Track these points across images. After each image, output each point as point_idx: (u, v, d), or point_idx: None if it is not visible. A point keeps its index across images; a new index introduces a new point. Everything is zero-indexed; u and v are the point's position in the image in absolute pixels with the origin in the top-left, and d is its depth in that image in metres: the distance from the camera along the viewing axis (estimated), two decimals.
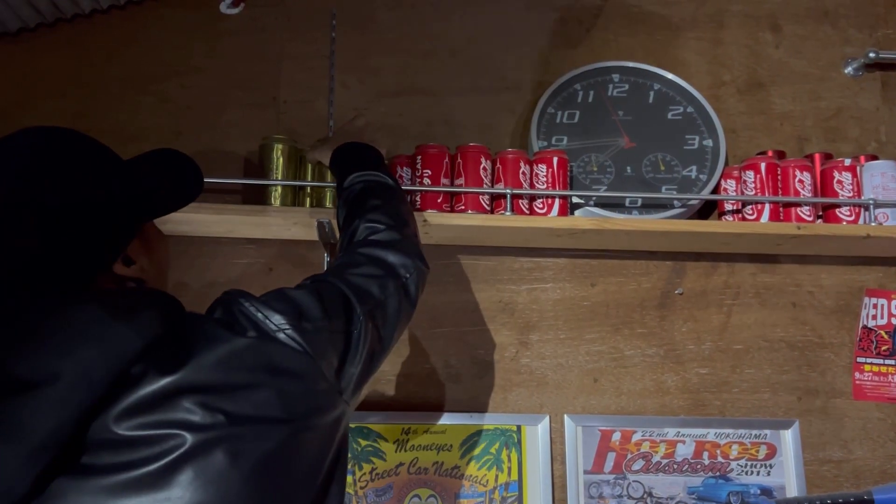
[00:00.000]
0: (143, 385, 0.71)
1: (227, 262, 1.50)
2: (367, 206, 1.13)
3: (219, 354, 0.75)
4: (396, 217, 1.13)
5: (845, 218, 1.46)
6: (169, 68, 1.56)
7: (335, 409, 0.83)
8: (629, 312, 1.55)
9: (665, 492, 1.48)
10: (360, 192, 1.16)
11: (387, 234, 1.09)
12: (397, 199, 1.18)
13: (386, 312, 0.98)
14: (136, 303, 0.77)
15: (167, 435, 0.69)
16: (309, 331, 0.81)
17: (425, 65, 1.61)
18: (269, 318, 0.80)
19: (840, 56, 1.68)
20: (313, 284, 0.92)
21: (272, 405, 0.75)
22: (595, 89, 1.58)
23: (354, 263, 1.02)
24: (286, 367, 0.78)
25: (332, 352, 0.84)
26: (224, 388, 0.73)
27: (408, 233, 1.12)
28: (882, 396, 1.56)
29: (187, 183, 0.98)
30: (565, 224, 1.40)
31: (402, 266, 1.04)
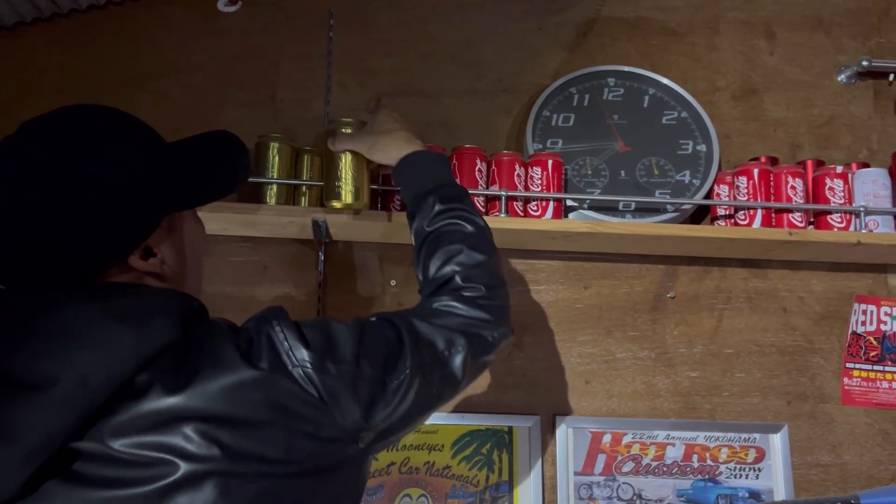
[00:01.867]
0: (146, 400, 0.68)
1: (221, 260, 1.50)
2: (463, 256, 1.02)
3: (225, 384, 0.71)
4: (494, 277, 1.03)
5: (836, 225, 1.48)
6: (167, 65, 1.56)
7: (344, 457, 0.78)
8: (621, 315, 1.56)
9: (654, 494, 1.49)
10: (453, 233, 1.05)
11: (479, 291, 0.99)
12: (492, 248, 1.08)
13: (444, 370, 0.89)
14: (148, 305, 0.74)
15: (161, 460, 0.67)
16: (330, 373, 0.76)
17: (423, 66, 1.62)
18: (292, 351, 0.76)
19: (833, 64, 1.70)
20: (369, 322, 0.86)
21: (273, 445, 0.72)
22: (590, 93, 1.59)
23: (429, 311, 0.95)
24: (294, 407, 0.74)
25: (352, 399, 0.77)
26: (226, 419, 0.70)
27: (501, 295, 1.03)
28: (870, 402, 1.57)
29: (226, 172, 0.88)
30: (559, 227, 1.41)
31: (483, 324, 0.95)
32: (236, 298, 1.49)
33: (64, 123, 0.78)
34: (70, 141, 0.76)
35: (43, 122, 0.79)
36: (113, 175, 0.76)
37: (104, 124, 0.79)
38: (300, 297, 1.50)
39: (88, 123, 0.79)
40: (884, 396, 1.58)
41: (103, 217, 0.75)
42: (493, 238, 1.10)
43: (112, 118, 0.81)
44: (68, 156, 0.75)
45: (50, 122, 0.79)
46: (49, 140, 0.76)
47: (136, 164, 0.78)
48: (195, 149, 0.86)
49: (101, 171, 0.76)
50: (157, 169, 0.80)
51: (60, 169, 0.74)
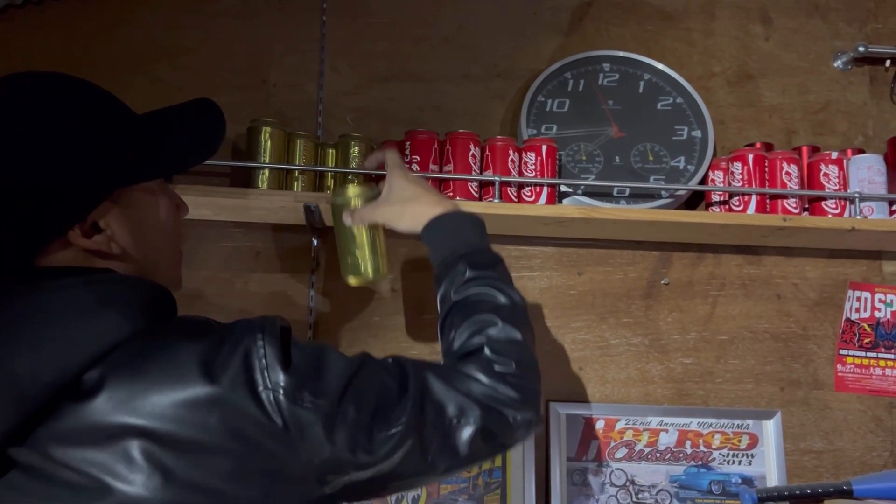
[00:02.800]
0: (93, 404, 0.63)
1: (214, 246, 1.50)
2: (495, 329, 0.89)
3: (178, 398, 0.64)
4: (528, 356, 0.90)
5: (831, 211, 1.47)
6: (159, 49, 1.55)
7: (305, 499, 0.70)
8: (615, 302, 1.56)
9: (647, 480, 1.49)
10: (485, 303, 0.92)
11: (510, 367, 0.85)
12: (530, 331, 0.95)
13: (447, 439, 0.77)
14: (103, 295, 0.67)
15: (97, 483, 0.62)
16: (303, 404, 0.68)
17: (417, 51, 1.60)
18: (267, 370, 0.67)
19: (829, 50, 1.69)
20: (368, 361, 0.77)
21: (224, 477, 0.65)
22: (585, 78, 1.58)
23: (449, 373, 0.82)
24: (253, 435, 0.66)
25: (323, 437, 0.69)
26: (174, 441, 0.64)
27: (533, 377, 0.89)
28: (863, 388, 1.57)
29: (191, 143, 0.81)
30: (553, 212, 1.41)
31: (508, 402, 0.81)
32: (229, 284, 1.48)
33: (6, 89, 0.73)
34: (7, 105, 0.72)
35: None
36: (49, 140, 0.70)
37: (40, 90, 0.74)
38: (293, 283, 1.50)
39: (31, 89, 0.74)
40: (877, 383, 1.58)
41: (36, 185, 0.69)
42: (528, 315, 0.96)
43: (50, 84, 0.75)
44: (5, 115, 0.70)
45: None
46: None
47: (77, 130, 0.72)
48: (161, 118, 0.81)
49: (36, 136, 0.70)
50: (105, 136, 0.74)
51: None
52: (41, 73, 0.76)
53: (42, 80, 0.75)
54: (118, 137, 0.75)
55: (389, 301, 1.51)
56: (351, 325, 1.50)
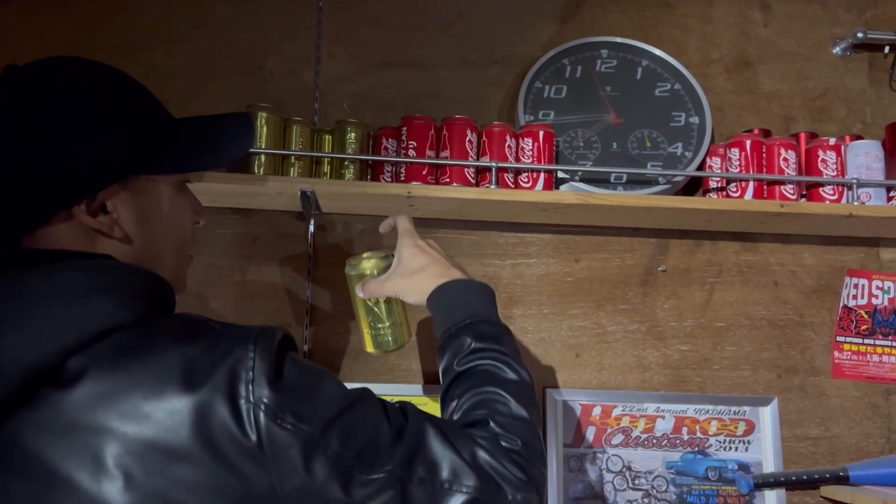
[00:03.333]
0: (72, 395, 0.62)
1: (210, 232, 1.49)
2: (501, 404, 0.84)
3: (154, 404, 0.63)
4: (535, 438, 0.83)
5: (829, 197, 1.47)
6: (155, 36, 1.54)
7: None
8: (612, 289, 1.56)
9: (644, 466, 1.49)
10: (490, 375, 0.87)
11: (516, 445, 0.80)
12: (537, 410, 0.88)
13: (433, 502, 0.72)
14: (91, 280, 0.66)
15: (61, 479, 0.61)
16: (284, 425, 0.65)
17: (414, 37, 1.60)
18: (253, 384, 0.65)
19: (828, 36, 1.68)
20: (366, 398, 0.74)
21: (189, 486, 0.63)
22: (583, 64, 1.58)
23: (453, 433, 0.78)
24: (225, 448, 0.64)
25: (298, 464, 0.66)
26: (146, 447, 0.62)
27: (539, 461, 0.82)
28: (860, 375, 1.57)
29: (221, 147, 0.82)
30: (550, 198, 1.40)
31: (511, 479, 0.76)
32: (226, 271, 1.48)
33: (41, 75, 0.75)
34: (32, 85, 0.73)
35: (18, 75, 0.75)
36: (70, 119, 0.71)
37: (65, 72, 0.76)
38: (290, 269, 1.50)
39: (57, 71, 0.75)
40: (874, 370, 1.58)
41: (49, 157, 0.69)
42: (534, 392, 0.91)
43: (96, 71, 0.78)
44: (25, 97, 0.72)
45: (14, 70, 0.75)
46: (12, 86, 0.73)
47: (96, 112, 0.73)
48: (194, 121, 0.82)
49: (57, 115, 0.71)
50: (125, 123, 0.75)
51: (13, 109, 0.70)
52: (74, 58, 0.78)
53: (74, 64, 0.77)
54: (141, 126, 0.76)
55: None
56: (347, 309, 1.50)
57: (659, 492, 1.48)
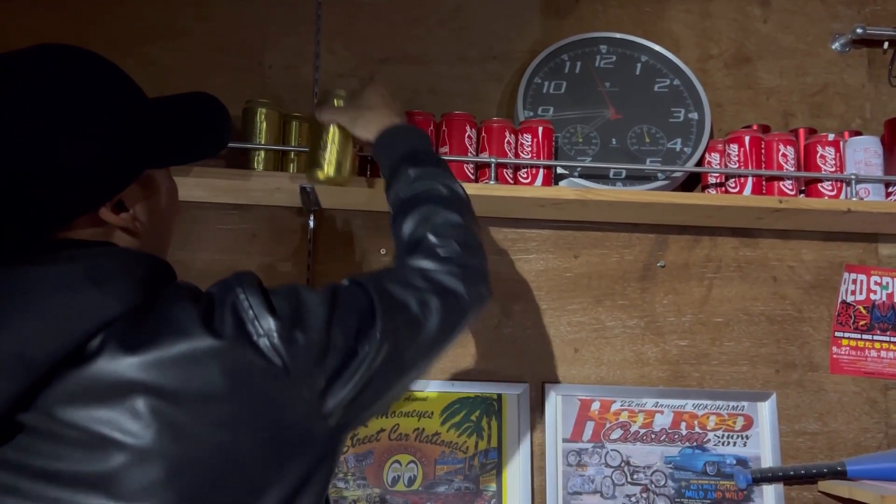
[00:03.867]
0: (95, 365, 0.65)
1: (210, 228, 1.49)
2: (437, 217, 0.97)
3: (182, 351, 0.67)
4: (470, 237, 0.97)
5: (827, 193, 1.47)
6: (154, 31, 1.54)
7: (310, 436, 0.73)
8: (611, 284, 1.56)
9: (642, 461, 1.50)
10: (429, 197, 1.00)
11: (454, 251, 0.93)
12: (472, 217, 1.03)
13: (418, 334, 0.83)
14: (105, 267, 0.70)
15: (106, 440, 0.64)
16: (298, 343, 0.71)
17: (412, 32, 1.60)
18: (258, 320, 0.70)
19: (827, 32, 1.68)
20: (341, 287, 0.81)
21: (230, 425, 0.68)
22: (582, 60, 1.57)
23: (402, 273, 0.89)
24: (257, 382, 0.69)
25: (319, 370, 0.73)
26: (180, 395, 0.66)
27: (478, 255, 0.97)
28: (858, 370, 1.58)
29: (211, 133, 0.85)
30: (549, 194, 1.40)
31: (458, 284, 0.89)
32: (225, 266, 1.48)
33: (40, 63, 0.74)
34: (46, 82, 0.73)
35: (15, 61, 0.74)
36: (92, 120, 0.73)
37: (78, 68, 0.75)
38: (289, 266, 1.50)
39: (68, 64, 0.75)
40: (872, 365, 1.58)
41: (76, 163, 0.71)
42: (470, 204, 1.04)
43: (93, 63, 0.77)
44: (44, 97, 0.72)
45: (23, 61, 0.74)
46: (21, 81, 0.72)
47: (117, 113, 0.75)
48: (181, 107, 0.83)
49: (79, 115, 0.72)
50: (139, 120, 0.76)
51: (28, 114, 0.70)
52: (68, 49, 0.77)
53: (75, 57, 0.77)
54: (148, 121, 0.78)
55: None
56: None
57: (657, 486, 1.49)
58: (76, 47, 0.78)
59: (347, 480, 1.44)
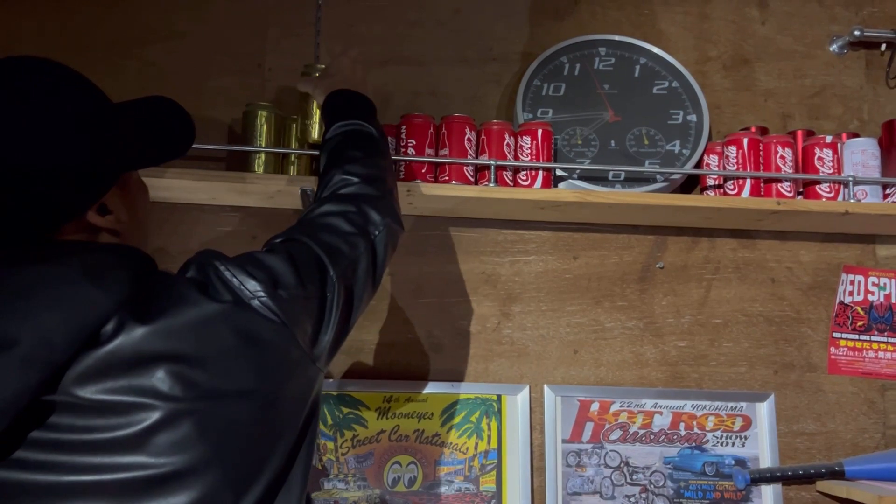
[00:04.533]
0: (113, 345, 0.69)
1: (210, 230, 1.50)
2: (344, 157, 1.08)
3: (190, 318, 0.73)
4: (374, 170, 1.08)
5: (825, 194, 1.48)
6: (153, 33, 1.54)
7: (308, 376, 0.82)
8: (610, 286, 1.57)
9: (642, 461, 1.50)
10: (340, 142, 1.11)
11: (361, 187, 1.04)
12: (377, 152, 1.13)
13: (356, 273, 0.94)
14: (104, 261, 0.75)
15: (137, 404, 0.69)
16: (284, 298, 0.78)
17: (412, 34, 1.60)
18: (244, 285, 0.77)
19: (826, 34, 1.69)
20: (285, 246, 0.88)
21: (244, 376, 0.75)
22: (581, 62, 1.58)
23: (325, 219, 0.97)
24: (260, 336, 0.76)
25: (306, 319, 0.82)
26: (195, 357, 0.72)
27: (383, 189, 1.07)
28: (856, 371, 1.59)
29: (176, 134, 0.91)
30: (549, 196, 1.41)
31: (371, 223, 0.99)
32: None
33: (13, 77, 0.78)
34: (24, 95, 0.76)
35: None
36: (71, 130, 0.77)
37: (55, 79, 0.80)
38: None
39: (39, 77, 0.79)
40: (870, 366, 1.59)
41: (64, 172, 0.76)
42: (383, 142, 1.16)
43: (61, 73, 0.81)
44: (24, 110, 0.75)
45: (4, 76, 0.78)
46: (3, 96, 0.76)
47: (93, 121, 0.79)
48: (147, 111, 0.89)
49: (60, 127, 0.76)
50: (112, 126, 0.81)
51: (16, 125, 0.74)
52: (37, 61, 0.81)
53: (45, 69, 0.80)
54: (121, 126, 0.83)
55: (385, 285, 1.52)
56: None
57: (657, 487, 1.49)
58: (45, 59, 0.81)
59: (348, 481, 1.44)
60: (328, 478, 1.44)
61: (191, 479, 0.70)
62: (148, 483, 0.69)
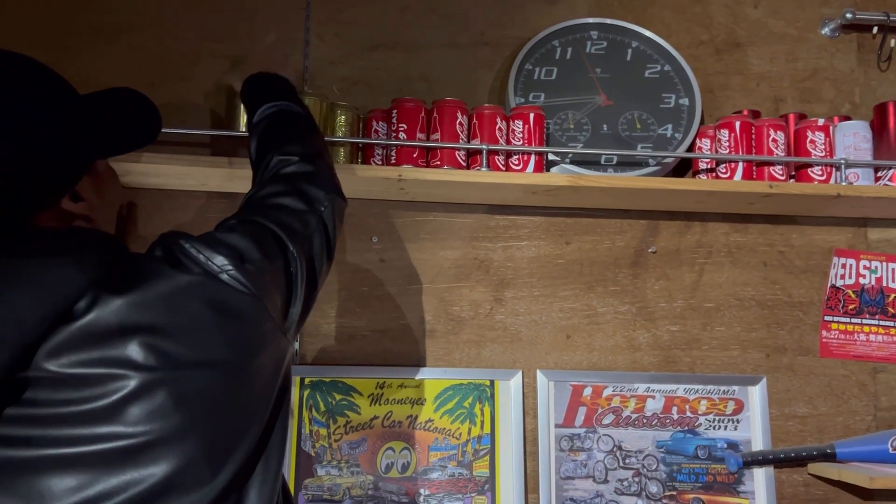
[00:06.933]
0: (87, 319, 0.70)
1: (199, 216, 1.48)
2: (278, 138, 1.09)
3: (161, 291, 0.73)
4: (310, 147, 1.09)
5: (817, 178, 1.48)
6: (142, 18, 1.52)
7: (279, 348, 0.83)
8: (603, 270, 1.57)
9: (634, 445, 1.51)
10: (270, 123, 1.13)
11: (300, 166, 1.04)
12: (309, 129, 1.15)
13: (312, 247, 0.95)
14: (75, 242, 0.76)
15: (111, 375, 0.69)
16: (251, 272, 0.79)
17: (402, 18, 1.59)
18: (210, 260, 0.78)
19: (817, 17, 1.68)
20: (243, 227, 0.89)
21: (217, 346, 0.75)
22: (573, 46, 1.57)
23: (272, 199, 0.98)
24: (232, 306, 0.77)
25: (275, 292, 0.83)
26: (168, 328, 0.72)
27: (321, 164, 1.08)
28: (847, 354, 1.59)
29: (145, 123, 0.95)
30: (541, 181, 1.40)
31: (317, 200, 1.00)
32: None
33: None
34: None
35: None
36: (42, 121, 0.79)
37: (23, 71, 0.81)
38: None
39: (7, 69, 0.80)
40: (861, 349, 1.60)
41: (38, 162, 0.78)
42: (308, 118, 1.17)
43: (28, 65, 0.82)
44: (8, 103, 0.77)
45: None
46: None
47: (62, 111, 0.81)
48: (115, 101, 0.92)
49: (31, 118, 0.78)
50: (82, 115, 0.83)
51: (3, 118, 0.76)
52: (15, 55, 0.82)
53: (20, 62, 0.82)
54: (90, 115, 0.85)
55: (377, 272, 1.51)
56: (339, 295, 1.50)
57: (649, 470, 1.50)
58: (10, 52, 0.82)
59: (341, 468, 1.44)
60: (321, 464, 1.44)
61: (168, 448, 0.71)
62: (125, 453, 0.69)
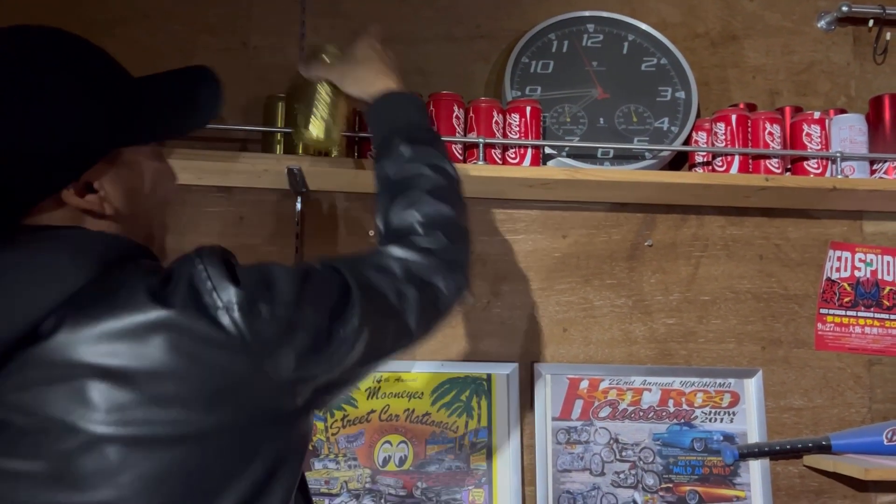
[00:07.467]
0: (48, 345, 0.63)
1: (197, 211, 1.48)
2: (426, 206, 0.93)
3: (125, 325, 0.64)
4: (457, 230, 0.94)
5: (813, 171, 1.48)
6: (136, 11, 1.52)
7: (276, 416, 0.70)
8: (599, 264, 1.57)
9: (631, 438, 1.51)
10: (419, 181, 0.96)
11: (439, 243, 0.90)
12: (462, 204, 0.99)
13: (395, 323, 0.81)
14: (61, 249, 0.68)
15: (57, 423, 0.62)
16: (262, 316, 0.67)
17: (399, 11, 1.58)
18: (217, 291, 0.66)
19: (813, 10, 1.68)
20: (311, 268, 0.77)
21: (183, 402, 0.64)
22: (569, 39, 1.57)
23: (380, 260, 0.85)
24: (210, 355, 0.65)
25: (287, 346, 0.69)
26: (127, 374, 0.63)
27: (462, 249, 0.94)
28: (843, 347, 1.60)
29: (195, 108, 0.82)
30: (537, 174, 1.40)
31: (437, 275, 0.87)
32: None
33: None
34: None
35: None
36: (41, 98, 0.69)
37: (44, 47, 0.72)
38: (277, 249, 1.49)
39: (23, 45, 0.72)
40: (856, 341, 1.60)
41: (28, 144, 0.68)
42: (462, 189, 1.01)
43: (56, 42, 0.74)
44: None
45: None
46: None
47: (73, 90, 0.71)
48: (161, 82, 0.81)
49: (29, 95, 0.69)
50: (101, 95, 0.73)
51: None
52: (38, 28, 0.74)
53: (37, 35, 0.73)
54: (114, 97, 0.74)
55: None
56: None
57: (646, 463, 1.50)
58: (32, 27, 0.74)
59: (338, 461, 1.44)
60: (319, 458, 1.44)
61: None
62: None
